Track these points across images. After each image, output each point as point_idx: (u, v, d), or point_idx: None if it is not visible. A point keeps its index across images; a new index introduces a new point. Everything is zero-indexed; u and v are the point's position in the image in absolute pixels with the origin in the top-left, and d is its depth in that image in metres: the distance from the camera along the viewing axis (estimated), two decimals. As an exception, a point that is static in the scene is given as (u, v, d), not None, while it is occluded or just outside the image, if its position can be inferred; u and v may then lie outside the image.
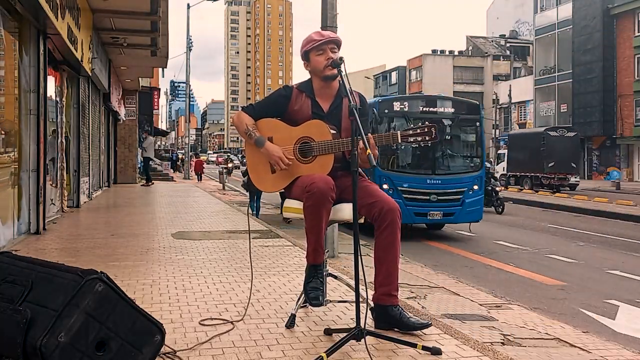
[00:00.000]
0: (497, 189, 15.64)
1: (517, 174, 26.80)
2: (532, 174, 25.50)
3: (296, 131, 3.01)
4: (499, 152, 32.47)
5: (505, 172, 27.46)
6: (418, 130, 2.89)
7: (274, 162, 2.99)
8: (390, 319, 2.91)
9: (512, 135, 29.56)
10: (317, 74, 3.05)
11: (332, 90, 3.10)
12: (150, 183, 18.62)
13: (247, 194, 14.78)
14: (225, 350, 2.69)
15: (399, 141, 2.91)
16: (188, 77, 32.06)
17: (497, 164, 29.16)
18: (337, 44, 3.03)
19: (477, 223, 10.67)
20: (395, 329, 2.90)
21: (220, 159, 50.47)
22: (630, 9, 34.07)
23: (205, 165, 35.23)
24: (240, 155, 43.08)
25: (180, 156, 39.49)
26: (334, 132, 3.01)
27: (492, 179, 15.35)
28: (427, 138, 2.87)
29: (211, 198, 14.48)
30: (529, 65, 51.26)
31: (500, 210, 15.06)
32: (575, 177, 25.52)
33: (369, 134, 2.83)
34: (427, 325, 2.97)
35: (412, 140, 2.90)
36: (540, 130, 26.83)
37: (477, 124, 10.90)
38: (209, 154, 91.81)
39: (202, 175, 30.28)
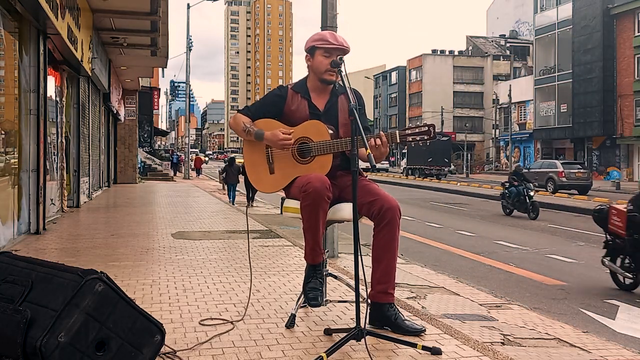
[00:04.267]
0: (531, 192, 13.92)
1: (413, 166, 39.39)
2: (420, 167, 38.02)
3: (294, 132, 3.00)
4: (403, 151, 45.28)
5: (406, 165, 41.32)
6: (417, 130, 2.88)
7: (280, 147, 2.96)
8: (385, 319, 2.88)
9: None
10: (317, 74, 3.05)
11: (327, 88, 3.10)
12: None
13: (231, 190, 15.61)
14: (225, 350, 2.68)
15: (398, 141, 2.89)
16: (188, 77, 32.12)
17: (402, 160, 44.08)
18: (346, 53, 3.00)
19: (477, 223, 10.63)
20: (388, 329, 2.88)
21: None
22: (630, 9, 34.07)
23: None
24: None
25: (180, 156, 39.88)
26: (332, 131, 2.99)
27: (524, 182, 14.12)
28: (425, 137, 2.86)
29: (211, 198, 14.49)
30: (529, 65, 51.28)
31: (533, 215, 13.59)
32: (448, 168, 38.03)
33: (372, 136, 2.82)
34: (420, 331, 2.93)
35: (410, 139, 2.88)
36: None
37: None
38: (234, 152, 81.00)
39: (201, 171, 37.36)
